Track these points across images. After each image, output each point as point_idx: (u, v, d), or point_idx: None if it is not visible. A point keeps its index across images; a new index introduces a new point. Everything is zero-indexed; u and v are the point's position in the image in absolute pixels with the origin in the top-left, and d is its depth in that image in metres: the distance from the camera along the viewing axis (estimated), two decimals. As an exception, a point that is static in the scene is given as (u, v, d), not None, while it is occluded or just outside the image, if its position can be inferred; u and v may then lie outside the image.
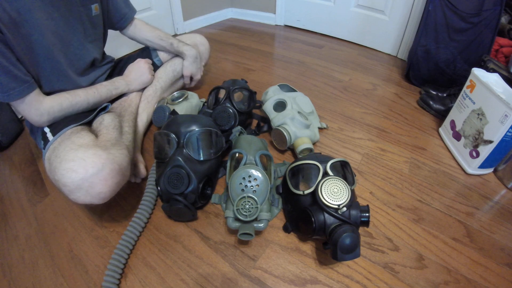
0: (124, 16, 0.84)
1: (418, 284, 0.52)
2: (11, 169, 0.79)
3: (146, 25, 0.91)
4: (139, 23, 0.89)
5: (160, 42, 0.91)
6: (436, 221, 0.64)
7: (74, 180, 0.49)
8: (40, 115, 0.60)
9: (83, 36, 0.70)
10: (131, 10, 0.85)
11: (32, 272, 0.55)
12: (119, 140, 0.63)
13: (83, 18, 0.68)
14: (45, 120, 0.61)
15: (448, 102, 0.97)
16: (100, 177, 0.50)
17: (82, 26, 0.69)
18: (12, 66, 0.53)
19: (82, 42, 0.70)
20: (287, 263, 0.55)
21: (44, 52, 0.60)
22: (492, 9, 0.94)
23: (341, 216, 0.49)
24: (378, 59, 1.44)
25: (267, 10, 1.90)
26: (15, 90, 0.54)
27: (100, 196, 0.51)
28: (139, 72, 0.84)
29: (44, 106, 0.60)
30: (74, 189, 0.49)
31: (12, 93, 0.54)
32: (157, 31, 0.91)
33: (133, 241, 0.57)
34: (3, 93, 0.54)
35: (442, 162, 0.80)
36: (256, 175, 0.56)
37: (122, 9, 0.82)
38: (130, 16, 0.86)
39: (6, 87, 0.53)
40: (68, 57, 0.67)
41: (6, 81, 0.53)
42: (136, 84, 0.84)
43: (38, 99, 0.59)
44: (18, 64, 0.55)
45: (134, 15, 0.87)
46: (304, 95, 0.89)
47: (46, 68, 0.62)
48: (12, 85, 0.54)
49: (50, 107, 0.61)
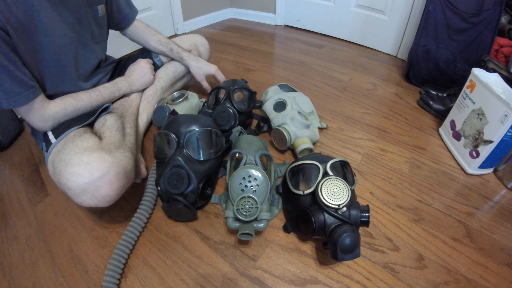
0: (126, 16, 0.84)
1: (418, 284, 0.52)
2: (11, 169, 0.79)
3: (147, 27, 0.90)
4: (140, 25, 0.89)
5: (159, 47, 0.90)
6: (436, 221, 0.64)
7: (80, 184, 0.49)
8: (45, 121, 0.60)
9: (90, 37, 0.70)
10: (133, 11, 0.86)
11: (32, 272, 0.55)
12: (123, 142, 0.63)
13: (90, 20, 0.68)
14: (50, 126, 0.61)
15: (448, 102, 0.97)
16: (106, 180, 0.50)
17: (89, 27, 0.69)
18: (18, 71, 0.53)
19: (90, 43, 0.70)
20: (287, 263, 0.55)
21: (51, 54, 0.60)
22: (492, 9, 0.94)
23: (341, 216, 0.49)
24: (378, 59, 1.45)
25: (267, 10, 1.90)
26: (21, 95, 0.54)
27: (106, 200, 0.52)
28: (141, 72, 0.84)
29: (48, 112, 0.60)
30: (80, 192, 0.50)
31: (17, 98, 0.53)
32: (158, 35, 0.91)
33: (133, 241, 0.57)
34: (8, 99, 0.52)
35: (442, 162, 0.80)
36: (256, 175, 0.56)
37: (124, 9, 0.83)
38: (132, 17, 0.86)
39: (12, 92, 0.52)
40: (76, 59, 0.67)
41: (12, 87, 0.52)
42: (138, 85, 0.83)
43: (43, 105, 0.59)
44: (24, 68, 0.55)
45: (136, 16, 0.87)
46: (304, 95, 0.89)
47: (52, 70, 0.62)
48: (18, 90, 0.53)
49: (54, 113, 0.60)
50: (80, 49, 0.67)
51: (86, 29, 0.68)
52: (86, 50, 0.69)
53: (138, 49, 0.96)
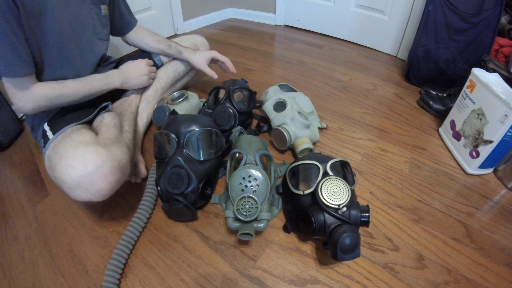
0: (128, 23, 0.88)
1: (418, 284, 0.52)
2: (11, 169, 0.79)
3: (147, 30, 0.93)
4: (140, 29, 0.92)
5: (158, 45, 0.92)
6: (436, 221, 0.64)
7: (74, 177, 0.49)
8: (26, 100, 0.59)
9: (92, 31, 0.72)
10: (133, 19, 0.90)
11: (32, 272, 0.55)
12: (119, 138, 0.63)
13: (93, 16, 0.71)
14: (30, 108, 0.60)
15: (448, 102, 0.97)
16: (100, 174, 0.50)
17: (92, 22, 0.71)
18: (19, 44, 0.54)
19: (92, 37, 0.72)
20: (287, 263, 0.55)
21: (55, 36, 0.61)
22: (492, 9, 0.94)
23: (341, 216, 0.49)
24: (378, 59, 1.44)
25: (267, 10, 1.90)
26: (15, 66, 0.54)
27: (100, 193, 0.51)
28: (138, 72, 0.82)
29: (34, 93, 0.59)
30: (74, 186, 0.49)
31: (12, 68, 0.54)
32: (156, 36, 0.93)
33: (133, 241, 0.57)
34: (6, 66, 0.53)
35: (442, 162, 0.80)
36: (256, 175, 0.56)
37: (126, 16, 0.86)
38: (134, 23, 0.90)
39: (10, 61, 0.54)
40: (79, 48, 0.68)
41: (11, 56, 0.53)
42: (132, 84, 0.81)
43: (28, 85, 0.58)
44: (25, 44, 0.56)
45: (136, 23, 0.91)
46: (304, 95, 0.89)
47: (53, 53, 0.63)
48: (15, 60, 0.54)
49: (37, 96, 0.60)
50: (83, 39, 0.69)
51: (89, 23, 0.70)
52: (89, 42, 0.71)
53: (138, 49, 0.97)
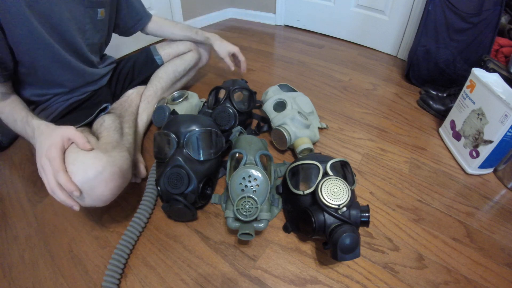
0: (144, 17, 0.89)
1: (418, 284, 0.52)
2: (11, 169, 0.79)
3: (166, 20, 0.95)
4: (159, 20, 0.94)
5: (186, 33, 0.96)
6: (436, 221, 0.64)
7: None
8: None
9: (81, 35, 0.69)
10: (147, 12, 0.91)
11: (32, 272, 0.55)
12: (120, 142, 0.63)
13: (86, 20, 0.69)
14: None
15: (448, 102, 0.97)
16: (100, 179, 0.50)
17: (83, 26, 0.69)
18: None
19: (78, 40, 0.69)
20: (287, 263, 0.55)
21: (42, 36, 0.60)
22: (492, 9, 0.94)
23: (341, 216, 0.49)
24: (378, 59, 1.45)
25: (267, 10, 1.90)
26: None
27: (101, 199, 0.51)
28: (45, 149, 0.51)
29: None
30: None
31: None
32: (179, 24, 0.97)
33: (133, 241, 0.57)
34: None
35: (442, 162, 0.80)
36: (256, 175, 0.56)
37: (140, 11, 0.87)
38: (149, 17, 0.91)
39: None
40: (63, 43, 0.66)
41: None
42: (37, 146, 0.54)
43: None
44: (5, 51, 0.56)
45: (152, 16, 0.92)
46: (304, 95, 0.89)
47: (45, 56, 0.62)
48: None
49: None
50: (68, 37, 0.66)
51: (79, 26, 0.68)
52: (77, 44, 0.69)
53: (138, 49, 0.97)
